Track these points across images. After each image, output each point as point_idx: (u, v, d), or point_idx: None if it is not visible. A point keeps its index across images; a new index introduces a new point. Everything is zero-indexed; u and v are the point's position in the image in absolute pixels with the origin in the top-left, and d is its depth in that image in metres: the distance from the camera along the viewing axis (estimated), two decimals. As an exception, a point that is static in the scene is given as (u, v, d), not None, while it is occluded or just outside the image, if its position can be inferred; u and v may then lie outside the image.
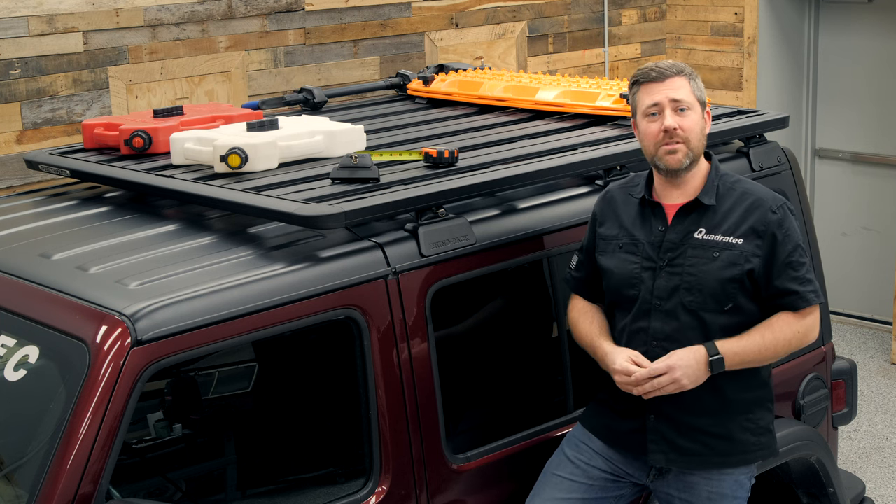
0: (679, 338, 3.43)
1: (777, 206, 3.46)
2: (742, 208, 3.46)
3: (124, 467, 3.10)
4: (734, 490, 3.54)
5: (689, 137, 3.44)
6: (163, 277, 3.15)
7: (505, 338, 3.93)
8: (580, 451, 3.61)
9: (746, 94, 7.55)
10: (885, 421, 6.57)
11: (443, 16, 6.57)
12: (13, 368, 3.10)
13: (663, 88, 3.44)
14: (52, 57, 5.28)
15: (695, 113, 3.45)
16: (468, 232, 3.53)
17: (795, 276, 3.43)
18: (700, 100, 3.48)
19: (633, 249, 3.50)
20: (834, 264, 7.27)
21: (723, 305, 3.42)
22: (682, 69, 3.48)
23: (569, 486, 3.57)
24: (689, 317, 3.43)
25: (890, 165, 7.68)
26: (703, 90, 3.50)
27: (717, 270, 3.41)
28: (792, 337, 3.45)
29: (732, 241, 3.42)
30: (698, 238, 3.45)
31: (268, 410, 3.59)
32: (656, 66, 3.47)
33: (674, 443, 3.48)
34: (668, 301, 3.44)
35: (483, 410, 3.86)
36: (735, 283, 3.41)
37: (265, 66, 5.92)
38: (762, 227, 3.43)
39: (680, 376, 3.36)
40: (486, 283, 3.64)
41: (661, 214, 3.50)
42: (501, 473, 3.63)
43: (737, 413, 3.50)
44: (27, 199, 4.01)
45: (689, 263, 3.43)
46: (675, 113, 3.44)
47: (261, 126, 3.87)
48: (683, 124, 3.43)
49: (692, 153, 3.45)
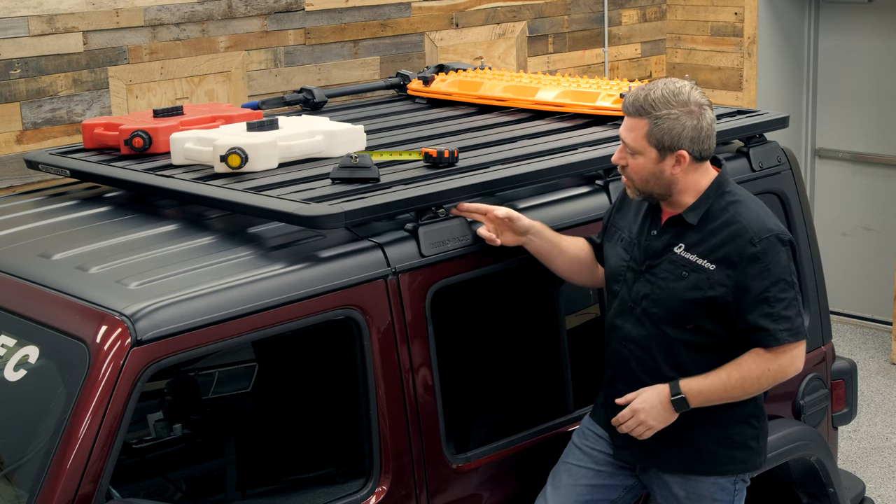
0: (645, 344, 3.43)
1: (760, 238, 3.32)
2: (724, 235, 3.36)
3: (124, 467, 3.09)
4: (713, 492, 3.52)
5: (633, 178, 3.39)
6: (163, 277, 3.15)
7: (505, 338, 3.93)
8: (586, 437, 3.63)
9: (746, 94, 7.55)
10: (885, 421, 6.57)
11: (443, 16, 6.57)
12: (13, 368, 3.10)
13: (624, 124, 3.39)
14: (52, 57, 5.28)
15: (644, 157, 3.34)
16: (468, 232, 3.53)
17: (769, 313, 3.31)
18: (659, 145, 3.31)
19: (628, 246, 3.51)
20: (834, 264, 7.27)
21: (684, 324, 3.39)
22: (643, 111, 3.30)
23: (577, 472, 3.59)
24: (653, 326, 3.42)
25: (890, 165, 7.67)
26: (672, 134, 3.29)
27: (681, 290, 3.37)
28: (761, 375, 3.35)
29: (704, 264, 3.36)
30: (676, 253, 3.41)
31: (268, 410, 3.59)
32: (631, 97, 3.35)
33: (640, 442, 3.47)
34: (638, 306, 3.44)
35: (483, 410, 3.86)
36: (696, 306, 3.36)
37: (265, 66, 5.92)
38: (736, 258, 3.33)
39: (644, 418, 3.38)
40: (486, 283, 3.64)
41: (657, 219, 3.49)
42: (501, 473, 3.63)
43: (708, 425, 3.46)
44: (27, 199, 4.01)
45: (661, 276, 3.41)
46: (624, 150, 3.40)
47: (261, 126, 3.86)
48: (629, 163, 3.38)
49: (639, 191, 3.41)
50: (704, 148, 3.37)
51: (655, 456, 3.50)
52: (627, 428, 3.41)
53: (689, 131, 3.31)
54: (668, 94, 3.31)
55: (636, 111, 3.33)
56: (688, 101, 3.32)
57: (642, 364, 3.44)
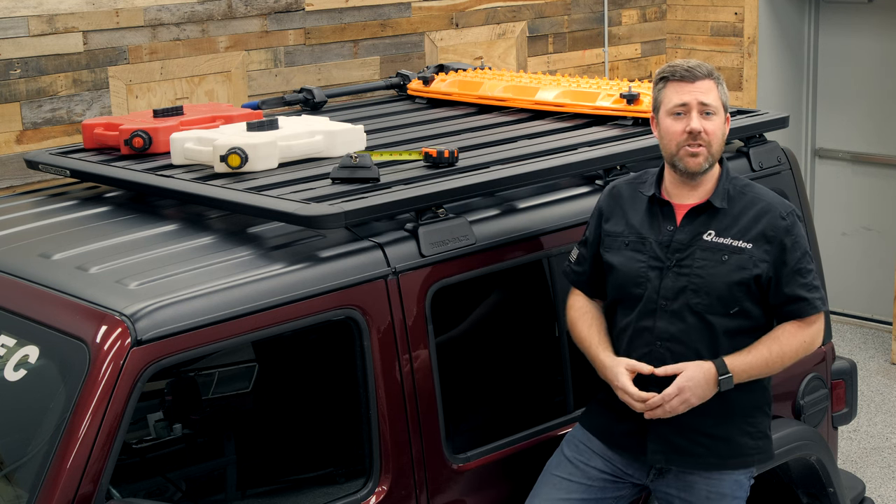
0: (684, 339, 3.42)
1: (787, 212, 3.47)
2: (752, 213, 3.45)
3: (124, 467, 3.09)
4: (734, 490, 3.54)
5: (712, 142, 3.43)
6: (163, 277, 3.15)
7: (505, 338, 3.93)
8: (579, 452, 3.60)
9: (746, 94, 7.55)
10: (885, 421, 6.57)
11: (443, 16, 6.56)
12: (13, 368, 3.10)
13: (693, 89, 3.42)
14: (52, 57, 5.28)
15: (719, 118, 3.45)
16: (468, 232, 3.53)
17: (804, 283, 3.44)
18: (725, 105, 3.48)
19: (640, 247, 3.49)
20: (834, 264, 7.27)
21: (729, 309, 3.42)
22: (711, 72, 3.46)
23: (567, 486, 3.56)
24: (695, 318, 3.42)
25: (890, 165, 7.67)
26: (727, 95, 3.50)
27: (725, 273, 3.41)
28: (798, 346, 3.46)
29: (742, 245, 3.42)
30: (708, 240, 3.44)
31: (268, 410, 3.59)
32: (687, 65, 3.45)
33: (673, 443, 3.47)
34: (675, 301, 3.43)
35: (483, 410, 3.86)
36: (742, 287, 3.41)
37: (265, 66, 5.92)
38: (771, 233, 3.43)
39: (689, 396, 3.37)
40: (486, 283, 3.64)
41: (670, 214, 3.49)
42: (501, 473, 3.63)
43: (738, 416, 3.49)
44: (27, 199, 4.01)
45: (697, 265, 3.43)
46: (702, 116, 3.42)
47: (261, 126, 3.87)
48: (708, 128, 3.42)
49: (712, 157, 3.45)
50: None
51: (689, 455, 3.48)
52: (671, 407, 3.37)
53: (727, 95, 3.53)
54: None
55: (707, 73, 3.45)
56: None
57: (682, 360, 3.42)
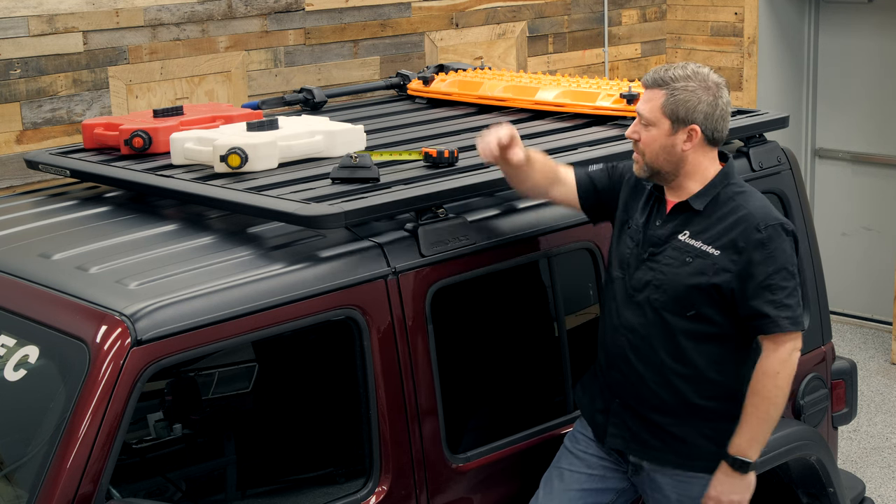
0: (643, 332, 3.43)
1: (766, 225, 3.35)
2: (729, 221, 3.39)
3: (124, 467, 3.09)
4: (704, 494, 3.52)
5: (645, 152, 3.40)
6: (163, 277, 3.15)
7: (505, 338, 3.93)
8: (577, 441, 3.63)
9: (746, 94, 7.55)
10: (885, 421, 6.56)
11: (443, 16, 6.56)
12: (13, 368, 3.10)
13: (641, 97, 3.44)
14: (52, 57, 5.28)
15: (656, 129, 3.37)
16: (468, 232, 3.53)
17: (772, 300, 3.32)
18: (677, 117, 3.35)
19: (635, 234, 3.50)
20: (834, 264, 7.27)
21: (685, 311, 3.39)
22: (661, 82, 3.37)
23: (569, 476, 3.58)
24: (654, 314, 3.42)
25: (890, 165, 7.67)
26: (689, 107, 3.34)
27: (685, 275, 3.38)
28: (775, 379, 3.35)
29: (710, 250, 3.37)
30: (682, 240, 3.42)
31: (268, 410, 3.59)
32: (650, 73, 3.42)
33: (633, 430, 3.49)
34: (640, 294, 3.44)
35: (483, 410, 3.86)
36: (700, 292, 3.37)
37: (265, 66, 5.92)
38: (742, 244, 3.35)
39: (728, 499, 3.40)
40: (485, 283, 3.64)
41: (662, 209, 3.49)
42: (501, 473, 3.63)
43: (697, 418, 3.46)
44: (27, 199, 4.01)
45: (664, 262, 3.42)
46: (638, 124, 3.41)
47: (261, 126, 3.87)
48: (642, 138, 3.40)
49: (648, 167, 3.41)
50: (717, 128, 3.39)
51: (647, 447, 3.50)
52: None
53: (704, 106, 3.35)
54: (689, 71, 3.38)
55: (654, 82, 3.38)
56: (706, 77, 3.39)
57: (638, 352, 3.44)
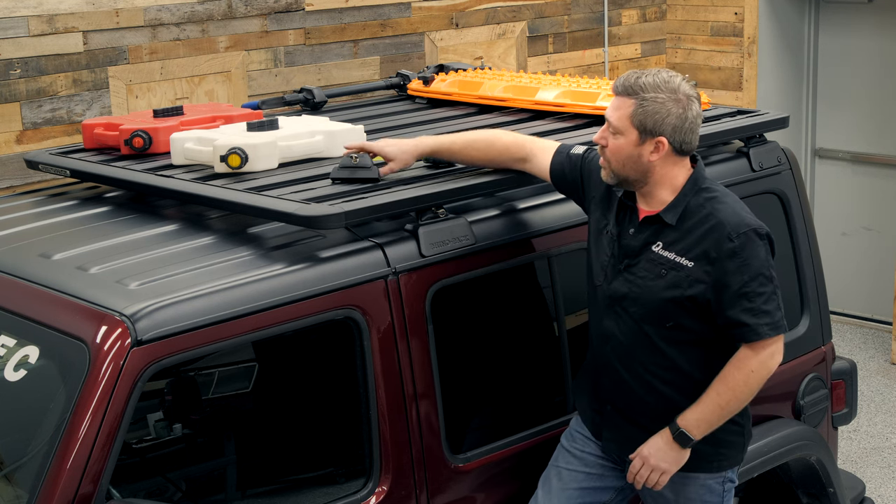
0: (625, 341, 3.42)
1: (737, 233, 3.29)
2: (701, 230, 3.34)
3: (124, 467, 3.09)
4: (701, 494, 3.51)
5: (611, 159, 3.36)
6: (163, 277, 3.15)
7: (505, 338, 3.93)
8: (574, 440, 3.62)
9: (746, 94, 7.55)
10: (885, 421, 6.57)
11: (443, 16, 6.56)
12: (13, 368, 3.10)
13: (611, 104, 3.38)
14: (52, 57, 5.28)
15: (624, 139, 3.32)
16: (468, 232, 3.53)
17: (749, 308, 3.29)
18: (641, 126, 3.29)
19: (611, 242, 3.46)
20: (834, 264, 7.27)
21: (664, 322, 3.37)
22: (631, 91, 3.30)
23: (567, 475, 3.58)
24: (633, 324, 3.41)
25: (890, 165, 7.68)
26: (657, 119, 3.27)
27: (660, 289, 3.36)
28: (748, 378, 3.33)
29: (683, 262, 3.34)
30: (655, 251, 3.38)
31: (268, 410, 3.59)
32: (620, 79, 3.35)
33: (626, 434, 3.48)
34: (618, 304, 3.43)
35: (483, 410, 3.86)
36: (675, 305, 3.35)
37: (265, 66, 5.92)
38: (714, 255, 3.31)
39: (655, 462, 3.39)
40: (486, 283, 3.64)
41: (635, 218, 3.45)
42: (501, 473, 3.63)
43: None
44: (27, 199, 4.01)
45: (640, 275, 3.39)
46: (607, 130, 3.37)
47: (261, 126, 3.86)
48: (609, 144, 3.36)
49: (614, 174, 3.37)
50: (686, 140, 3.34)
51: None
52: (641, 478, 3.41)
53: (672, 118, 3.30)
54: (659, 80, 3.31)
55: (624, 90, 3.32)
56: (677, 89, 3.31)
57: (622, 360, 3.44)
